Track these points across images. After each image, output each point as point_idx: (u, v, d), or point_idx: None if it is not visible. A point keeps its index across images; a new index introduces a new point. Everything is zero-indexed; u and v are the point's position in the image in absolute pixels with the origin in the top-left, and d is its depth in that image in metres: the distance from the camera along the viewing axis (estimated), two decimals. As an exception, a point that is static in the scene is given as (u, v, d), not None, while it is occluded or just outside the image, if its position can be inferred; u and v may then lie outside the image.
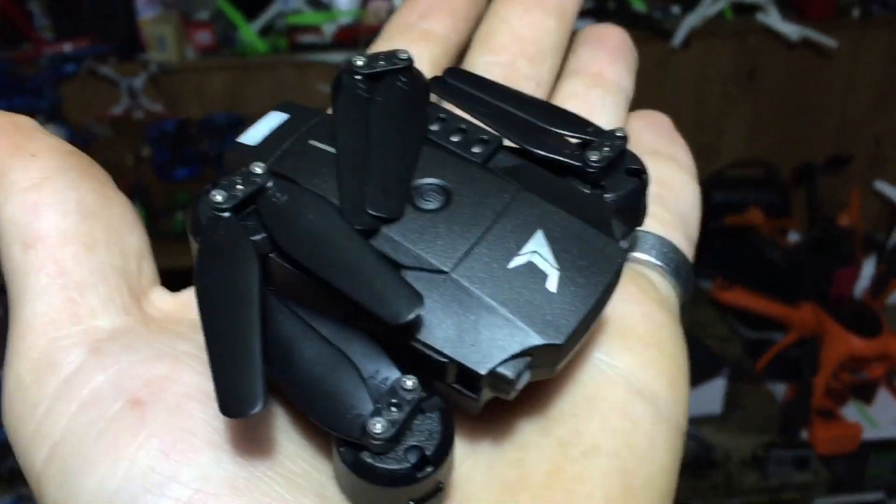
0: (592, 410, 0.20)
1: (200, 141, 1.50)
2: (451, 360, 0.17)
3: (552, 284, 0.18)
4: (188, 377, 0.18)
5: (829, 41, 1.69)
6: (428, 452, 0.17)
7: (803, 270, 1.56)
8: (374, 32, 1.72)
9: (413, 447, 0.17)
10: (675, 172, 0.26)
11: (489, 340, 0.17)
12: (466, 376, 0.17)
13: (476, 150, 0.20)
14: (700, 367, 1.39)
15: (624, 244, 0.20)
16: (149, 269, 0.20)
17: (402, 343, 0.18)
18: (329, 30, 1.69)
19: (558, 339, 0.17)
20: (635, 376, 0.21)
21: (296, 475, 0.17)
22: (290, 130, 0.20)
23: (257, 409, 0.15)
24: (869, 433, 1.46)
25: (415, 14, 0.27)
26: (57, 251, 0.18)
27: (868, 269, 1.67)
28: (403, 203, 0.19)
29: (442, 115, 0.21)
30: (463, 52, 0.29)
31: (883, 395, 1.54)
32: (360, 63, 0.21)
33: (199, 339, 0.18)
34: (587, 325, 0.18)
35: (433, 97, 0.22)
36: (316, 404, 0.17)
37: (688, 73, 1.78)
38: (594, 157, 0.21)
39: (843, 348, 1.38)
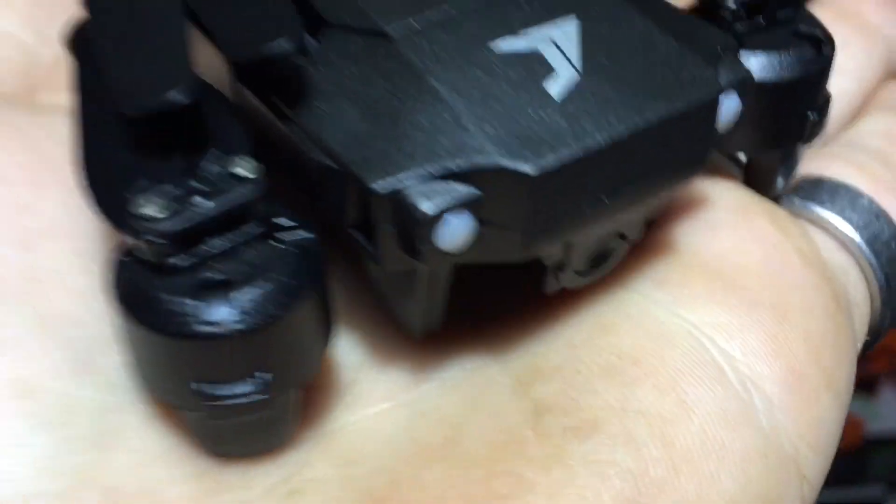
0: (612, 376, 0.12)
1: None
2: (340, 164, 0.11)
3: (556, 88, 0.11)
4: (3, 153, 0.15)
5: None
6: (246, 298, 0.10)
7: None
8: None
9: (222, 282, 0.10)
10: None
11: (412, 145, 0.11)
12: (364, 203, 0.11)
13: None
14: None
15: (732, 103, 0.12)
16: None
17: (281, 136, 0.12)
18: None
19: (528, 168, 0.10)
20: (715, 343, 0.13)
21: (56, 311, 0.13)
22: None
23: (184, 97, 0.10)
24: (871, 427, 1.45)
25: None
26: None
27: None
28: None
29: None
30: None
31: (886, 389, 1.53)
32: None
33: (58, 125, 0.15)
34: (609, 183, 0.11)
35: None
36: (102, 170, 0.11)
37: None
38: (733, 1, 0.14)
39: (846, 340, 1.37)
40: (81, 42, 0.13)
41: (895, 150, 0.19)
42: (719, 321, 0.13)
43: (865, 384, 1.49)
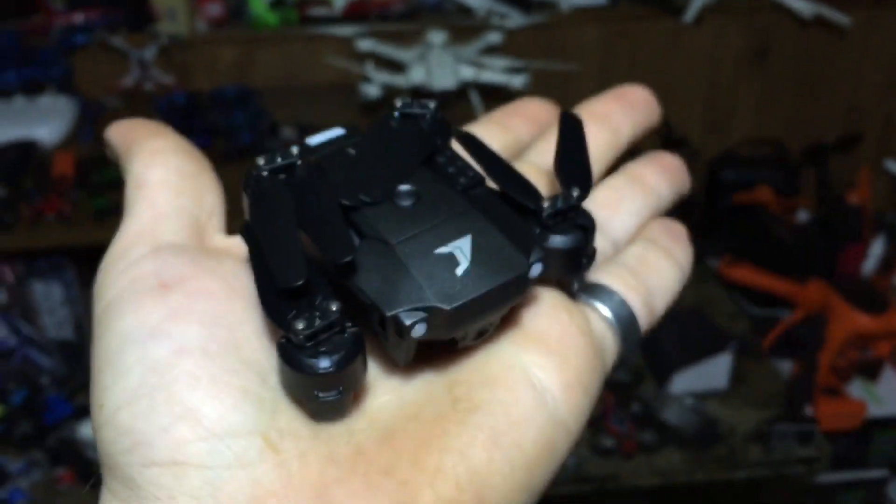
0: (487, 383, 0.25)
1: (210, 113, 1.50)
2: (371, 300, 0.24)
3: (460, 270, 0.24)
4: (206, 280, 0.26)
5: (842, 19, 1.68)
6: (332, 357, 0.23)
7: (811, 248, 1.56)
8: (382, 7, 1.72)
9: (324, 351, 0.23)
10: (662, 259, 0.31)
11: (401, 294, 0.24)
12: (382, 318, 0.24)
13: (462, 180, 0.27)
14: (706, 343, 1.40)
15: (537, 268, 0.25)
16: (216, 220, 0.29)
17: (342, 284, 0.24)
18: (339, 3, 1.69)
19: (446, 305, 0.23)
20: (532, 371, 0.26)
21: (250, 358, 0.25)
22: (339, 139, 0.28)
23: (300, 281, 0.23)
24: (874, 410, 1.47)
25: (502, 113, 0.36)
26: (154, 192, 0.28)
27: (876, 247, 1.67)
28: (383, 196, 0.26)
29: (449, 154, 0.28)
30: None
31: (888, 372, 1.54)
32: (398, 104, 0.29)
33: (228, 263, 0.27)
34: (480, 308, 0.24)
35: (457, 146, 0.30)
36: (272, 305, 0.24)
37: (699, 49, 1.77)
38: (546, 204, 0.27)
39: (849, 325, 1.39)
40: (247, 231, 0.26)
41: (641, 267, 0.30)
42: (536, 361, 0.26)
43: (869, 369, 1.51)
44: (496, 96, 1.62)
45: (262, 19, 1.66)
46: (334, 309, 0.23)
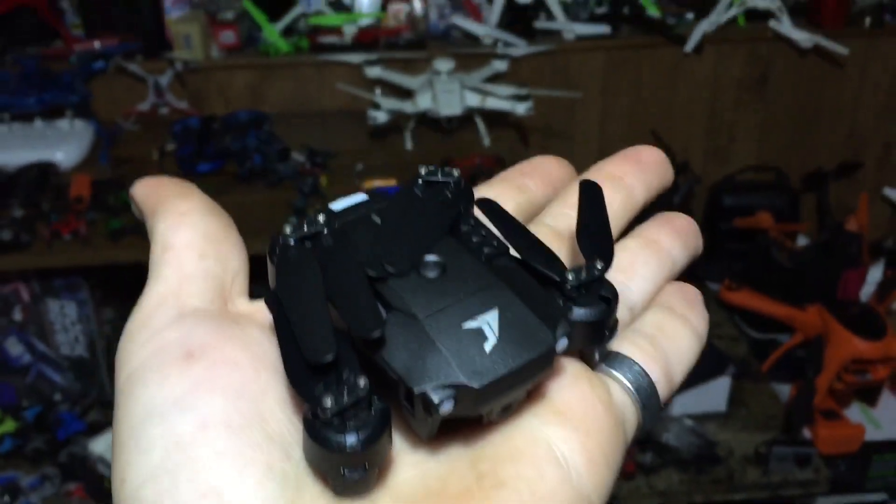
0: (511, 459, 0.25)
1: (223, 137, 1.54)
2: (398, 375, 0.24)
3: (489, 347, 0.24)
4: (230, 349, 0.26)
5: (840, 49, 1.72)
6: (359, 435, 0.23)
7: (810, 273, 1.59)
8: (391, 35, 1.77)
9: (351, 428, 0.23)
10: (680, 327, 0.31)
11: (429, 370, 0.24)
12: (409, 394, 0.24)
13: (486, 250, 0.27)
14: (705, 365, 1.42)
15: (563, 342, 0.25)
16: (241, 283, 0.29)
17: (370, 358, 0.24)
18: (349, 31, 1.74)
19: (475, 384, 0.24)
20: (556, 445, 0.26)
21: (274, 432, 0.25)
22: (363, 205, 0.29)
23: (330, 356, 0.23)
24: (872, 434, 1.48)
25: (517, 172, 0.36)
26: (181, 255, 0.28)
27: (874, 273, 1.69)
28: (409, 267, 0.26)
29: (473, 222, 0.28)
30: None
31: (887, 397, 1.56)
32: (423, 171, 0.29)
33: (252, 331, 0.27)
34: (508, 385, 0.24)
35: (478, 213, 0.30)
36: (299, 378, 0.24)
37: (700, 78, 1.81)
38: (570, 276, 0.27)
39: (848, 350, 1.41)
40: (273, 300, 0.26)
41: (659, 335, 0.31)
42: (560, 435, 0.26)
43: (868, 393, 1.53)
44: (501, 122, 1.66)
45: (274, 46, 1.71)
46: (362, 385, 0.23)
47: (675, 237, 0.33)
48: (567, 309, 0.27)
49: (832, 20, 1.75)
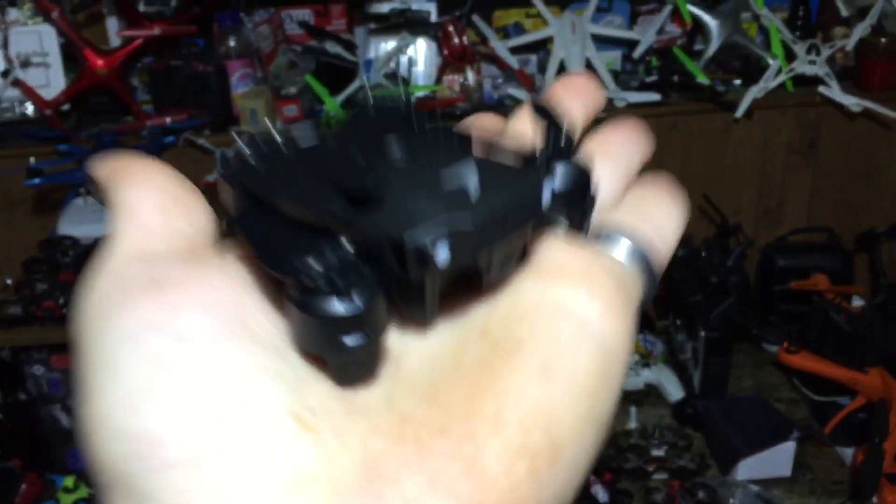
0: (522, 320, 0.24)
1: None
2: (381, 233, 0.22)
3: (473, 196, 0.23)
4: (204, 274, 0.24)
5: (889, 112, 1.75)
6: (355, 292, 0.21)
7: (869, 334, 1.59)
8: (449, 104, 1.83)
9: (344, 287, 0.21)
10: (658, 197, 0.31)
11: (416, 225, 0.21)
12: (399, 252, 0.21)
13: (451, 142, 0.26)
14: (770, 430, 1.43)
15: (547, 192, 0.24)
16: (210, 239, 0.27)
17: (349, 235, 0.22)
18: (407, 102, 1.80)
19: (467, 224, 0.22)
20: (566, 301, 0.24)
21: (262, 338, 0.23)
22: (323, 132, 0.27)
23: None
24: (939, 498, 1.47)
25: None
26: (144, 213, 0.26)
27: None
28: (370, 164, 0.25)
29: (433, 126, 0.27)
30: None
31: (953, 460, 1.54)
32: (372, 100, 0.29)
33: (224, 261, 0.25)
34: (501, 229, 0.23)
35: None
36: (274, 257, 0.22)
37: (750, 142, 1.84)
38: (539, 150, 0.26)
39: (912, 413, 1.41)
40: (238, 223, 0.24)
41: (641, 207, 0.30)
42: (567, 291, 0.24)
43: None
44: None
45: (335, 117, 1.78)
46: (347, 246, 0.22)
47: (622, 141, 0.32)
48: (545, 172, 0.25)
49: (880, 84, 1.78)
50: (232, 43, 1.81)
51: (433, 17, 1.85)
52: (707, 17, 1.79)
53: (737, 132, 1.83)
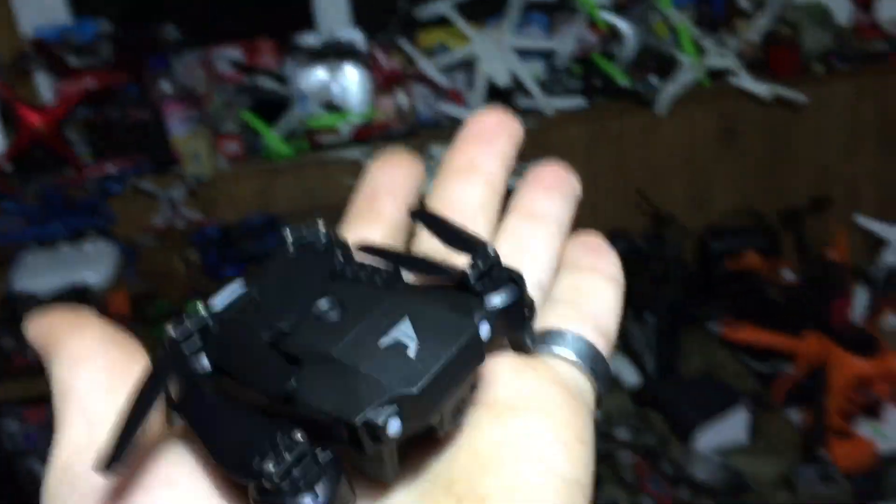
0: (485, 470, 0.23)
1: (241, 242, 1.63)
2: (332, 416, 0.21)
3: (412, 353, 0.22)
4: (162, 470, 0.24)
5: (797, 96, 1.87)
6: (317, 488, 0.21)
7: (802, 304, 1.70)
8: (384, 128, 1.88)
9: (305, 485, 0.21)
10: (593, 280, 0.30)
11: (361, 398, 0.21)
12: (351, 431, 0.21)
13: (378, 280, 0.26)
14: (720, 400, 1.52)
15: (485, 327, 0.24)
16: (158, 410, 0.25)
17: (296, 413, 0.22)
18: (345, 129, 1.85)
19: (413, 389, 0.21)
20: (525, 441, 0.24)
21: None
22: (239, 289, 0.26)
23: (111, 471, 0.21)
24: (883, 447, 1.58)
25: (366, 200, 0.33)
26: (84, 398, 0.25)
27: (860, 297, 1.81)
28: (302, 317, 0.24)
29: (357, 266, 0.27)
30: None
31: (891, 410, 1.66)
32: (287, 233, 0.28)
33: (176, 444, 0.24)
34: (446, 382, 0.22)
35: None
36: (230, 460, 0.22)
37: (675, 136, 1.95)
38: (469, 271, 0.26)
39: (849, 371, 1.52)
40: (182, 407, 0.24)
41: (576, 296, 0.30)
42: (525, 430, 0.24)
43: (871, 410, 1.63)
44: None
45: (276, 151, 1.82)
46: (299, 437, 0.21)
47: (549, 195, 0.31)
48: (479, 301, 0.25)
49: (785, 69, 1.91)
50: (166, 86, 1.84)
51: (362, 45, 1.91)
52: (620, 23, 1.90)
53: (661, 128, 1.93)
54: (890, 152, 2.01)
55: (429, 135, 1.86)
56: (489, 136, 0.33)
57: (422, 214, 0.30)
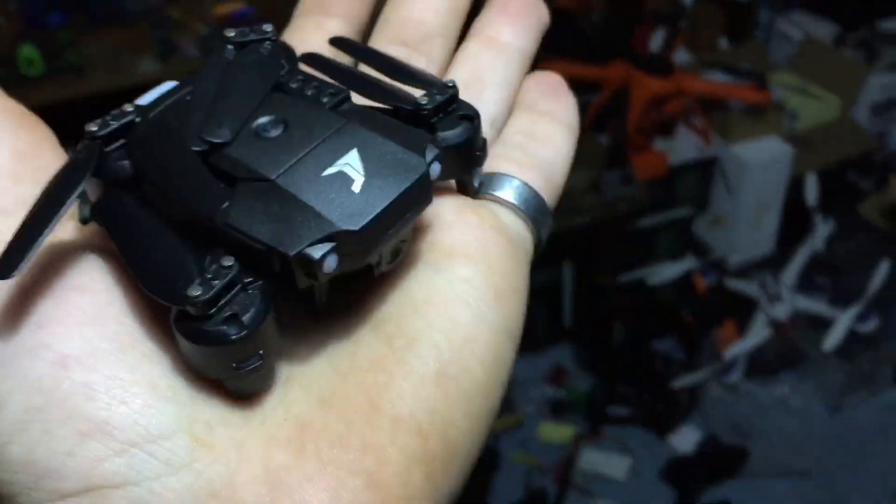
0: (416, 312, 0.23)
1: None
2: (266, 244, 0.20)
3: (357, 187, 0.21)
4: (73, 276, 0.22)
5: None
6: (244, 319, 0.20)
7: (608, 34, 1.85)
8: None
9: (231, 315, 0.20)
10: (547, 125, 0.29)
11: (299, 229, 0.20)
12: (284, 261, 0.20)
13: (325, 99, 0.24)
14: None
15: (436, 167, 0.22)
16: (68, 215, 0.23)
17: (230, 242, 0.21)
18: None
19: (354, 226, 0.20)
20: (459, 287, 0.23)
21: (149, 350, 0.21)
22: (172, 92, 0.24)
23: (8, 277, 0.19)
24: (673, 160, 1.81)
25: (313, 5, 0.31)
26: None
27: (659, 29, 1.98)
28: (239, 131, 0.22)
29: (302, 77, 0.25)
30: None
31: (681, 129, 1.88)
32: (231, 34, 0.26)
33: (90, 253, 0.22)
34: (389, 222, 0.21)
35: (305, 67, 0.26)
36: (154, 282, 0.20)
37: None
38: (424, 101, 0.24)
39: (647, 90, 1.70)
40: (101, 213, 0.22)
41: (529, 141, 0.29)
42: (460, 275, 0.24)
43: (665, 127, 1.84)
44: None
45: None
46: (229, 264, 0.20)
47: (515, 24, 0.30)
48: (431, 136, 0.24)
49: None
50: None
51: None
52: None
53: None
54: None
55: None
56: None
57: (344, 42, 0.28)
